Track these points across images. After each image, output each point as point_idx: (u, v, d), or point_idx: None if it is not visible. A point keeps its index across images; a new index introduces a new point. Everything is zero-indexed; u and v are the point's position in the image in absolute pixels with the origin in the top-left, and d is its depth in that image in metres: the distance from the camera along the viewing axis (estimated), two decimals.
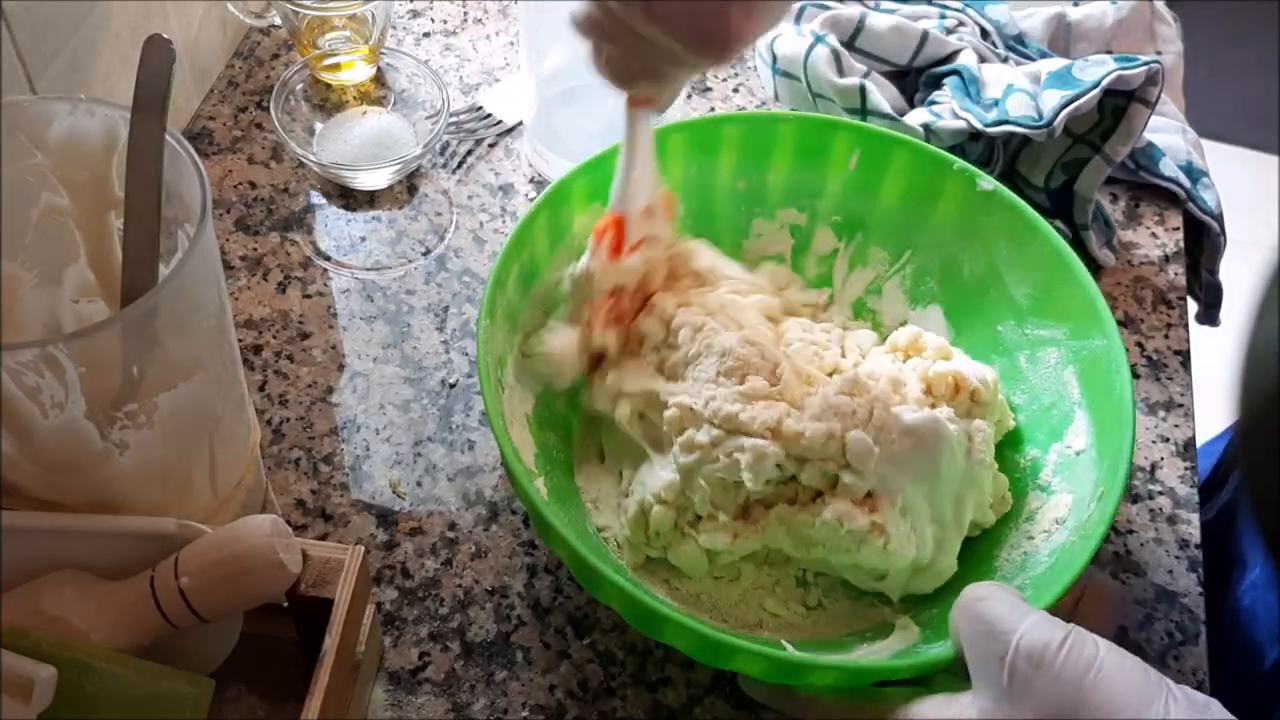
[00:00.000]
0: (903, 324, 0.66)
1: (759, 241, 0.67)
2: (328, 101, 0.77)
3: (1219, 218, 0.76)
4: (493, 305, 0.55)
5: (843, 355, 0.61)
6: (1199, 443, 0.67)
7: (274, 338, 0.67)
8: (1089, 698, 0.41)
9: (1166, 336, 0.71)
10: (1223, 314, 0.79)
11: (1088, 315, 0.58)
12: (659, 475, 0.55)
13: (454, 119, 0.78)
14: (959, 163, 0.62)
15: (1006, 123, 0.70)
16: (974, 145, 0.73)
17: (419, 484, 0.62)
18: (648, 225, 0.59)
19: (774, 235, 0.67)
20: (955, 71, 0.74)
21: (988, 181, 0.62)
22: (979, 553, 0.57)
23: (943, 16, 0.79)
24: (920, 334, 0.61)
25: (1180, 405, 0.68)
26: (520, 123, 0.79)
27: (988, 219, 0.62)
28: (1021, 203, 0.61)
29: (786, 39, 0.77)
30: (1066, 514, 0.56)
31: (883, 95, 0.73)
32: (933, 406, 0.57)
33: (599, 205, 0.62)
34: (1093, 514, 0.53)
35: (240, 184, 0.74)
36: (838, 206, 0.66)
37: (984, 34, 0.80)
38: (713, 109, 0.81)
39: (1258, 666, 0.64)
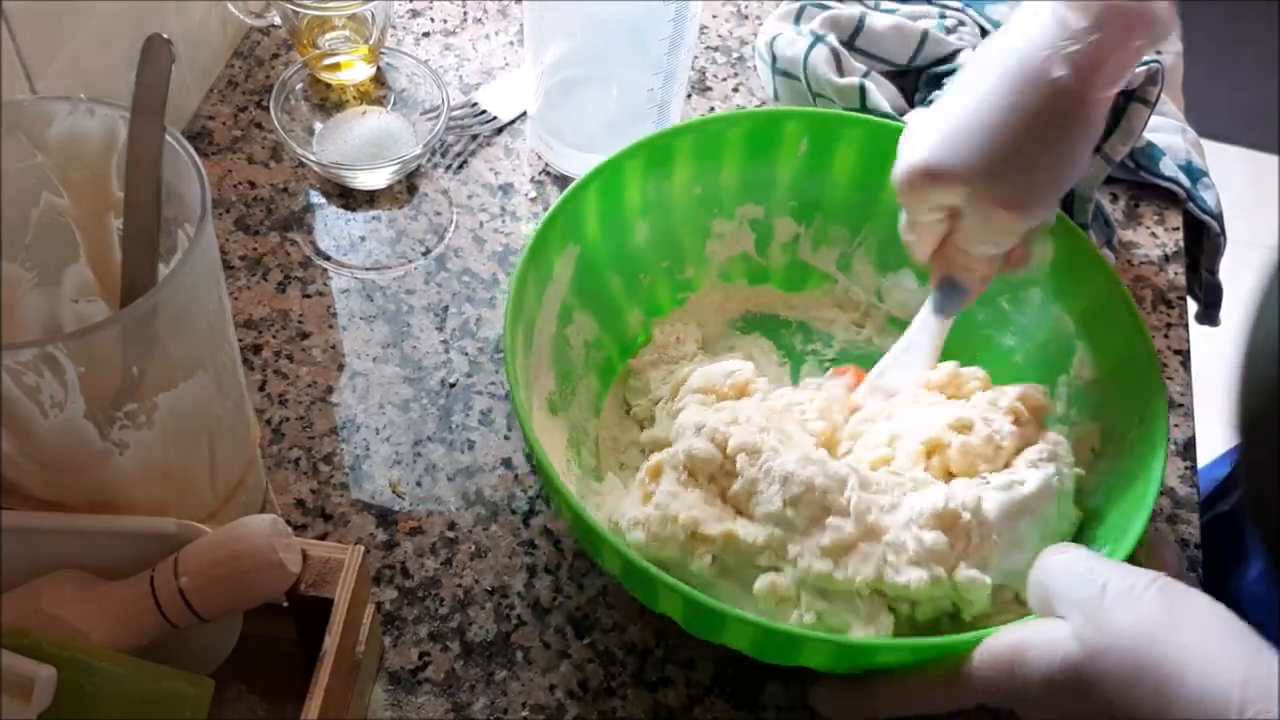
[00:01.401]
0: (876, 293, 0.67)
1: (721, 242, 0.67)
2: (327, 101, 0.77)
3: (1219, 217, 0.76)
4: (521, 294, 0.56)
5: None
6: (1200, 463, 0.67)
7: (274, 337, 0.67)
8: (1177, 628, 0.41)
9: (1166, 336, 0.71)
10: (1223, 314, 0.79)
11: (1068, 251, 0.59)
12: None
13: (451, 116, 0.78)
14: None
15: None
16: None
17: (419, 484, 0.62)
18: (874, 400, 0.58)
19: (735, 233, 0.67)
20: (955, 71, 0.74)
21: None
22: None
23: (943, 16, 0.79)
24: (956, 370, 0.59)
25: (1180, 405, 0.68)
26: (515, 119, 0.79)
27: None
28: None
29: (786, 39, 0.77)
30: (1101, 445, 0.57)
31: (882, 95, 0.73)
32: (1023, 436, 0.55)
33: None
34: (1135, 439, 0.54)
35: (240, 184, 0.74)
36: (792, 193, 0.66)
37: (984, 34, 0.80)
38: (712, 108, 0.81)
39: None
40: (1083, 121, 0.51)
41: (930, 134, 0.54)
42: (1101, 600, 0.43)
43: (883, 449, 0.56)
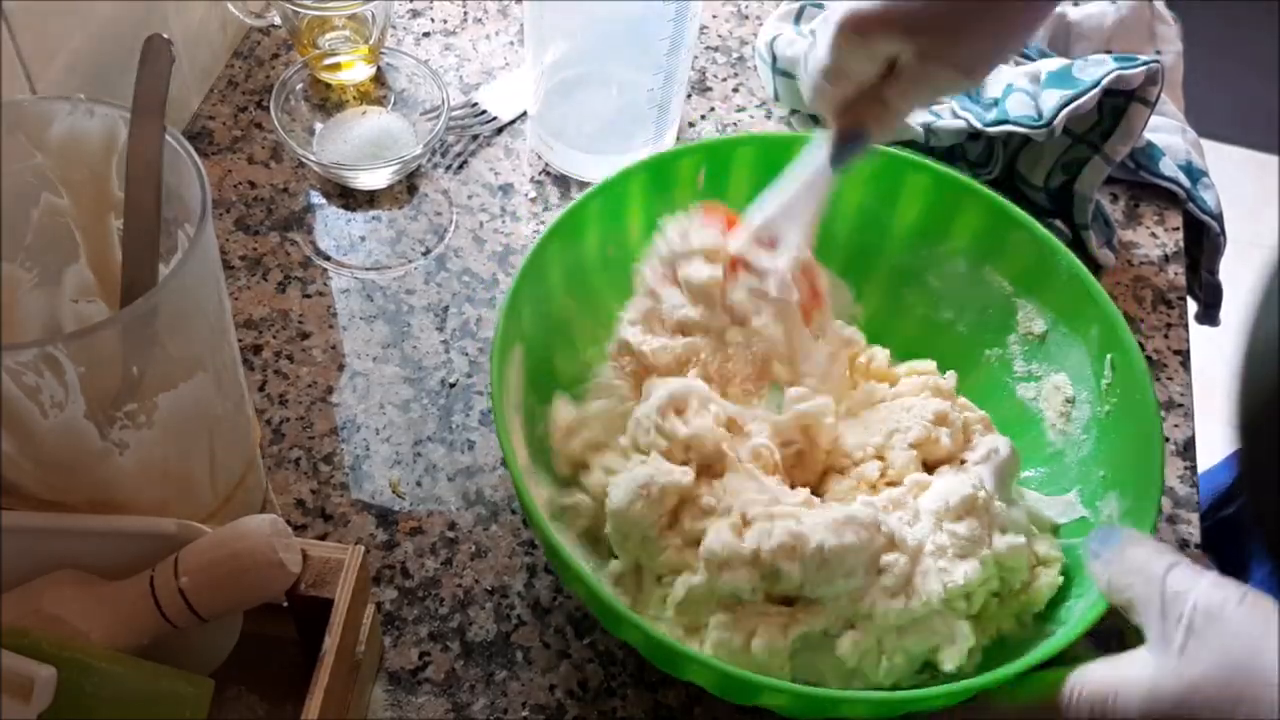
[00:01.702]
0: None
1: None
2: (328, 101, 0.77)
3: (1219, 218, 0.76)
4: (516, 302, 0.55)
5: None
6: (1201, 467, 0.67)
7: (274, 338, 0.67)
8: (1267, 653, 0.41)
9: (1166, 336, 0.71)
10: (1222, 314, 0.79)
11: (987, 216, 0.61)
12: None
13: (451, 116, 0.78)
14: (803, 136, 0.62)
15: (1006, 122, 0.70)
16: (973, 145, 0.73)
17: (419, 484, 0.62)
18: (756, 253, 0.56)
19: None
20: None
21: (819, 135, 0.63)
22: (1022, 450, 0.59)
23: None
24: (869, 356, 0.62)
25: (1180, 405, 0.68)
26: (515, 119, 0.79)
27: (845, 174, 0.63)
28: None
29: (786, 39, 0.77)
30: (1073, 391, 0.59)
31: None
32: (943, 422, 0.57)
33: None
34: (1111, 383, 0.56)
35: (240, 184, 0.74)
36: None
37: None
38: (712, 108, 0.81)
39: None
40: None
41: None
42: (1192, 625, 0.43)
43: (874, 461, 0.56)
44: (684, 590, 0.51)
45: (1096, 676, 0.46)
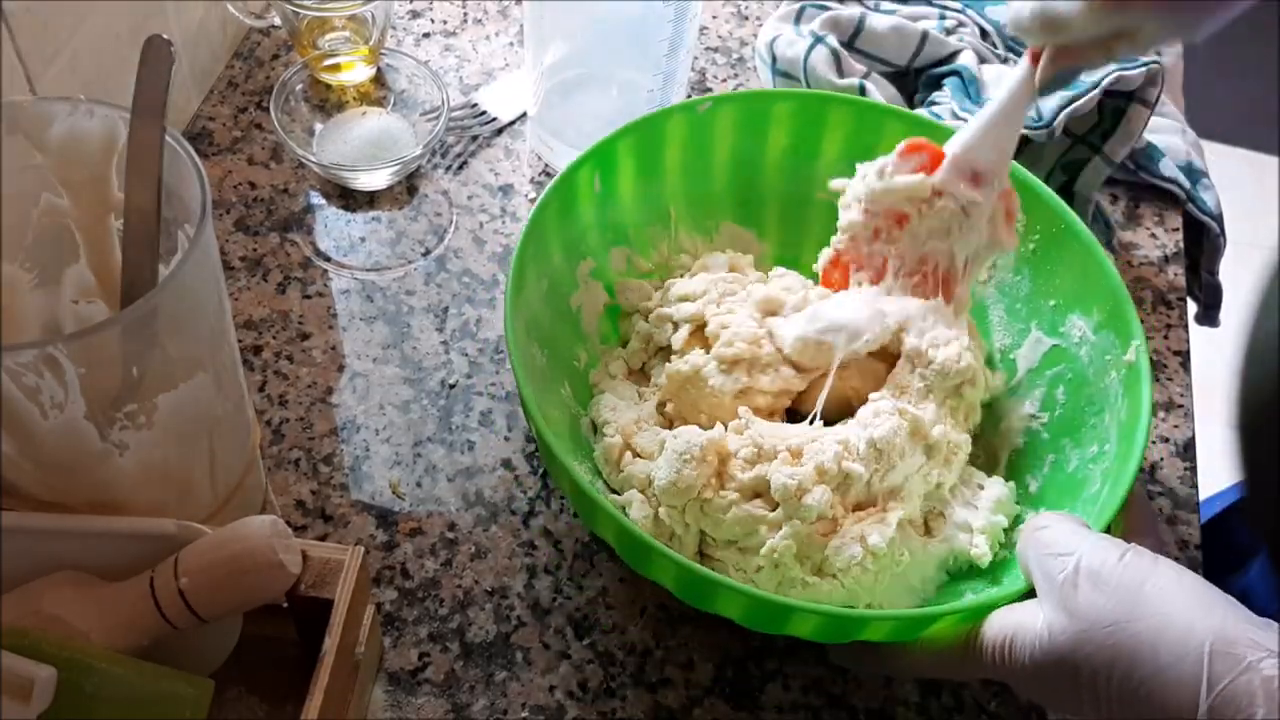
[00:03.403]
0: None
1: (585, 310, 0.64)
2: (327, 102, 0.77)
3: (1219, 218, 0.76)
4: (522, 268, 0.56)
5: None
6: (1201, 470, 0.67)
7: (274, 338, 0.67)
8: (1145, 608, 0.42)
9: (1166, 337, 0.71)
10: (1222, 315, 0.79)
11: (857, 119, 0.64)
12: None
13: (451, 117, 0.78)
14: (681, 109, 0.64)
15: None
16: None
17: (419, 484, 0.62)
18: (960, 185, 0.56)
19: (588, 296, 0.64)
20: (955, 72, 0.74)
21: (706, 102, 0.64)
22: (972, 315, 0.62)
23: (942, 17, 0.80)
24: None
25: (1180, 406, 0.68)
26: (514, 120, 0.79)
27: (714, 129, 0.66)
28: (755, 90, 0.68)
29: (786, 39, 0.77)
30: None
31: (882, 96, 0.73)
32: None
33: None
34: (1028, 223, 0.60)
35: (240, 184, 0.74)
36: (602, 229, 0.65)
37: (984, 34, 0.80)
38: None
39: None
40: None
41: None
42: (1075, 583, 0.44)
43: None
44: (788, 542, 0.52)
45: (997, 622, 0.47)
